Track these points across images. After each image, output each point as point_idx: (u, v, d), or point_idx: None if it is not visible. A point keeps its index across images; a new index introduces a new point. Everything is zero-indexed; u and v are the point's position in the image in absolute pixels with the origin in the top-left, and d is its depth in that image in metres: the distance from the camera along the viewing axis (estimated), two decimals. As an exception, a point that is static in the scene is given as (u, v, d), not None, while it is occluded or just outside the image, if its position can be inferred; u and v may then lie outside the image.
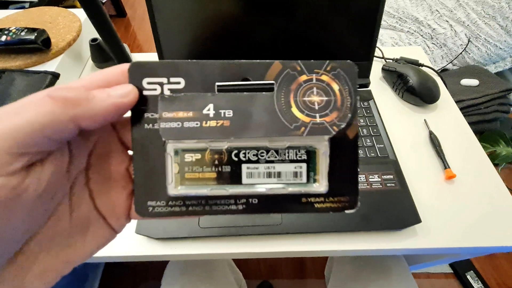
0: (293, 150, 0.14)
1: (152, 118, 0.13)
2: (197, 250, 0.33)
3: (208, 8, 0.40)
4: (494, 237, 0.33)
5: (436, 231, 0.34)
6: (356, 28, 0.42)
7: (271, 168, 0.14)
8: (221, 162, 0.14)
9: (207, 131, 0.13)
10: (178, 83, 0.13)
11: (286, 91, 0.14)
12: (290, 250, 0.33)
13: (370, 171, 0.37)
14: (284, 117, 0.13)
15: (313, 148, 0.14)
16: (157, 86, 0.13)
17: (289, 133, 0.13)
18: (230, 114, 0.13)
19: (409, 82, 0.45)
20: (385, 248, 0.33)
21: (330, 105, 0.14)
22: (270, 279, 0.85)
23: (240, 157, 0.14)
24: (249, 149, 0.14)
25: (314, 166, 0.14)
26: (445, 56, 1.21)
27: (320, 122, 0.13)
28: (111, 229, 0.15)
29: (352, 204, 0.14)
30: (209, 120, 0.13)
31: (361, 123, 0.42)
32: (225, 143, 0.14)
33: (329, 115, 0.13)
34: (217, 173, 0.14)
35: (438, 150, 0.40)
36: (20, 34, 0.45)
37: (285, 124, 0.13)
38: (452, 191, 0.37)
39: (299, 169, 0.14)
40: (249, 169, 0.14)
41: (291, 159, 0.14)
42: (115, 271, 0.86)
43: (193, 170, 0.14)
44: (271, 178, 0.14)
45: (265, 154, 0.14)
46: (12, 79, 0.42)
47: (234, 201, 0.14)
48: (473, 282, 0.85)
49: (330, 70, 0.14)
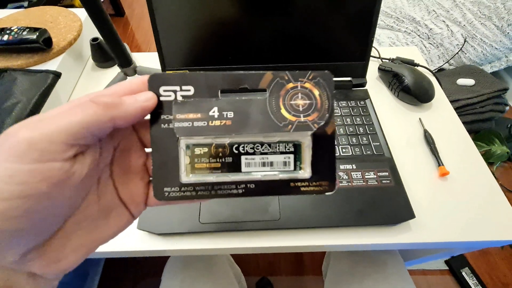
0: (283, 143, 0.17)
1: (167, 119, 0.16)
2: (197, 245, 0.34)
3: (208, 8, 0.40)
4: (486, 232, 0.35)
5: (429, 226, 0.35)
6: (353, 29, 0.43)
7: (265, 159, 0.17)
8: (224, 154, 0.17)
9: (212, 129, 0.16)
10: (189, 90, 0.16)
11: (276, 96, 0.16)
12: (288, 245, 0.34)
13: (366, 168, 0.38)
14: (275, 117, 0.16)
15: (298, 142, 0.17)
16: (171, 93, 0.16)
17: (279, 130, 0.16)
18: (231, 115, 0.16)
19: (404, 82, 0.46)
20: (380, 243, 0.34)
21: (312, 107, 0.17)
22: (268, 276, 0.86)
23: (240, 150, 0.17)
24: (247, 143, 0.17)
25: (299, 156, 0.17)
26: (441, 56, 1.22)
27: (304, 121, 0.16)
28: (130, 214, 0.17)
29: (331, 188, 0.17)
30: (214, 120, 0.16)
31: (357, 121, 0.43)
32: (227, 139, 0.17)
33: (311, 115, 0.16)
34: (221, 163, 0.17)
35: (432, 148, 0.41)
36: (22, 34, 0.45)
37: (276, 123, 0.16)
38: (446, 188, 0.38)
39: (287, 159, 0.17)
40: (247, 159, 0.17)
41: (281, 151, 0.17)
42: (116, 267, 0.87)
43: (201, 161, 0.17)
44: (265, 167, 0.17)
45: (260, 147, 0.17)
46: (14, 78, 0.43)
47: (235, 186, 0.17)
48: (468, 278, 0.86)
49: (312, 79, 0.17)
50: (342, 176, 0.37)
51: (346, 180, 0.37)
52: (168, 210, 0.34)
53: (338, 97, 0.46)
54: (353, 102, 0.45)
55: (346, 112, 0.44)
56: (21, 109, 0.39)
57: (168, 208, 0.34)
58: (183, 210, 0.34)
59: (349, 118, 0.43)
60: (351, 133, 0.42)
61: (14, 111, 0.39)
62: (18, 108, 0.39)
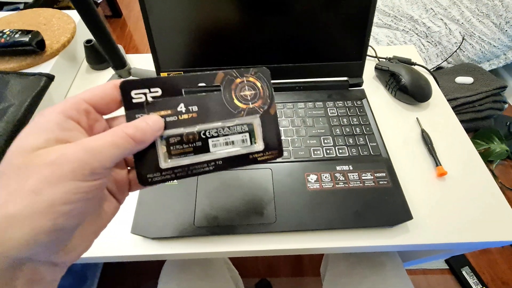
0: (239, 125, 0.21)
1: None
2: (192, 249, 0.33)
3: (202, 10, 0.40)
4: (485, 232, 0.34)
5: (427, 228, 0.34)
6: (349, 28, 0.42)
7: (227, 139, 0.21)
8: (194, 140, 0.20)
9: (182, 122, 0.20)
10: (157, 92, 0.19)
11: (229, 90, 0.21)
12: (284, 248, 0.33)
13: (363, 169, 0.37)
14: (230, 106, 0.21)
15: (251, 123, 0.22)
16: (142, 96, 0.19)
17: (235, 116, 0.21)
18: (196, 108, 0.20)
19: (401, 81, 0.46)
20: (377, 245, 0.33)
21: (257, 96, 0.21)
22: (268, 277, 0.86)
23: (206, 135, 0.21)
24: (211, 129, 0.21)
25: (253, 134, 0.22)
26: (440, 54, 1.22)
27: (252, 107, 0.21)
28: (117, 201, 0.20)
29: (280, 154, 0.23)
30: (183, 114, 0.20)
31: (354, 122, 0.43)
32: (195, 128, 0.20)
33: (257, 102, 0.21)
34: (193, 148, 0.20)
35: (430, 148, 0.41)
36: (14, 36, 0.45)
37: (231, 111, 0.21)
38: (444, 188, 0.38)
39: (244, 137, 0.22)
40: (213, 141, 0.21)
41: (238, 131, 0.21)
42: (114, 272, 0.87)
43: (176, 148, 0.20)
44: (228, 145, 0.21)
45: (222, 131, 0.21)
46: (7, 81, 0.42)
47: (207, 164, 0.21)
48: (468, 277, 0.86)
49: (254, 74, 0.21)
50: (339, 177, 0.37)
51: (343, 181, 0.36)
52: (163, 214, 0.34)
53: (335, 97, 0.46)
54: (349, 102, 0.45)
55: (342, 112, 0.44)
56: (13, 113, 0.39)
57: (162, 212, 0.34)
58: (178, 214, 0.34)
59: (346, 118, 0.43)
60: (347, 134, 0.41)
61: (6, 114, 0.38)
62: (10, 111, 0.39)
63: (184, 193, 0.35)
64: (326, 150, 0.39)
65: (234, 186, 0.36)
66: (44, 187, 0.14)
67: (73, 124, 0.16)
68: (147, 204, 0.34)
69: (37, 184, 0.14)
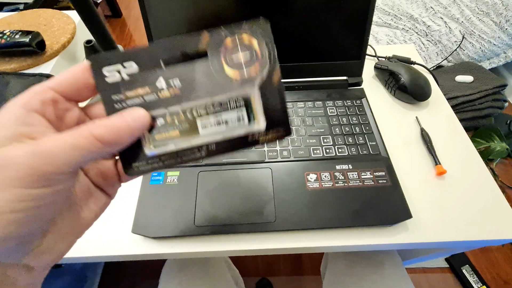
0: (233, 100, 0.17)
1: (119, 99, 0.16)
2: (192, 248, 0.33)
3: (201, 8, 0.40)
4: (484, 231, 0.34)
5: (427, 226, 0.35)
6: (348, 28, 0.42)
7: (219, 117, 0.17)
8: (180, 121, 0.17)
9: (164, 100, 0.16)
10: (131, 66, 0.16)
11: (217, 55, 0.16)
12: (284, 246, 0.34)
13: (362, 168, 0.37)
14: (219, 76, 0.16)
15: (247, 95, 0.17)
16: (116, 73, 0.16)
17: (226, 88, 0.17)
18: (178, 83, 0.16)
19: (400, 80, 0.46)
20: (377, 243, 0.34)
21: (253, 59, 0.17)
22: (268, 276, 0.86)
23: (194, 114, 0.17)
24: (199, 106, 0.17)
25: (251, 109, 0.17)
26: (440, 53, 1.22)
27: (247, 74, 0.17)
28: (107, 195, 0.18)
29: (287, 132, 0.18)
30: (163, 91, 0.16)
31: (353, 121, 0.43)
32: (180, 106, 0.17)
33: (253, 67, 0.17)
34: (179, 131, 0.17)
35: (429, 147, 0.41)
36: (14, 37, 0.45)
37: (221, 82, 0.17)
38: (443, 187, 0.38)
39: (240, 114, 0.17)
40: (202, 122, 0.17)
41: (232, 107, 0.17)
42: (114, 271, 0.87)
43: (160, 132, 0.17)
44: (221, 125, 0.17)
45: (212, 108, 0.17)
46: (7, 82, 0.42)
47: (198, 150, 0.17)
48: (469, 276, 0.86)
49: (248, 29, 0.16)
50: (338, 176, 0.37)
51: (342, 180, 0.36)
52: (163, 214, 0.34)
53: (334, 96, 0.46)
54: (349, 101, 0.45)
55: (342, 111, 0.44)
56: (14, 113, 0.39)
57: (163, 211, 0.34)
58: (178, 214, 0.34)
59: (345, 118, 0.43)
60: (347, 133, 0.41)
61: (7, 115, 0.38)
62: (11, 112, 0.39)
63: (185, 192, 0.35)
64: (326, 150, 0.40)
65: (234, 185, 0.36)
66: None
67: (36, 118, 0.14)
68: (147, 204, 0.35)
69: None
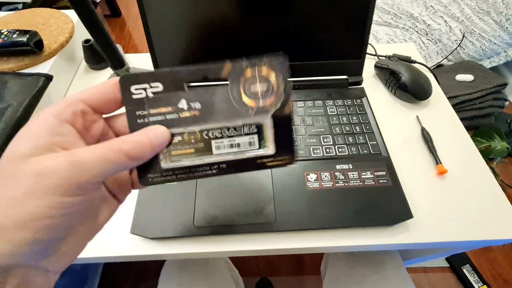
0: (246, 126, 0.19)
1: (142, 114, 0.18)
2: (192, 249, 0.33)
3: (200, 8, 0.40)
4: (485, 231, 0.34)
5: (427, 226, 0.34)
6: (348, 26, 0.42)
7: (232, 141, 0.19)
8: (196, 141, 0.19)
9: (183, 120, 0.18)
10: (157, 86, 0.17)
11: (237, 84, 0.18)
12: (284, 247, 0.33)
13: (362, 168, 0.37)
14: (237, 104, 0.18)
15: (260, 123, 0.19)
16: (142, 91, 0.17)
17: (242, 115, 0.18)
18: (198, 106, 0.18)
19: (401, 79, 0.46)
20: (377, 244, 0.33)
21: (269, 91, 0.18)
22: (268, 276, 0.86)
23: (209, 135, 0.19)
24: (215, 129, 0.19)
25: (263, 136, 0.19)
26: (440, 52, 1.21)
27: (262, 105, 0.18)
28: (117, 201, 0.19)
29: (292, 161, 0.20)
30: (184, 112, 0.18)
31: (353, 120, 0.42)
32: (198, 127, 0.18)
33: (268, 99, 0.18)
34: (194, 149, 0.19)
35: (430, 146, 0.41)
36: (12, 37, 0.44)
37: (238, 109, 0.18)
38: (444, 187, 0.38)
39: (252, 140, 0.19)
40: (217, 143, 0.19)
41: (245, 133, 0.19)
42: (114, 272, 0.87)
43: (177, 149, 0.18)
44: (233, 148, 0.19)
45: (227, 131, 0.19)
46: (5, 81, 0.42)
47: (209, 167, 0.19)
48: (469, 275, 0.86)
49: (267, 63, 0.18)
50: (339, 176, 0.36)
51: (343, 180, 0.36)
52: (162, 214, 0.34)
53: (334, 95, 0.46)
54: (349, 100, 0.45)
55: (342, 111, 0.44)
56: (12, 113, 0.38)
57: (162, 212, 0.34)
58: (177, 214, 0.34)
59: (345, 117, 0.43)
60: (347, 132, 0.41)
61: (4, 115, 0.38)
62: (9, 112, 0.38)
63: (184, 193, 0.35)
64: (326, 149, 0.39)
65: (233, 185, 0.36)
66: (26, 198, 0.13)
67: (68, 128, 0.15)
68: (146, 204, 0.34)
69: (20, 194, 0.13)
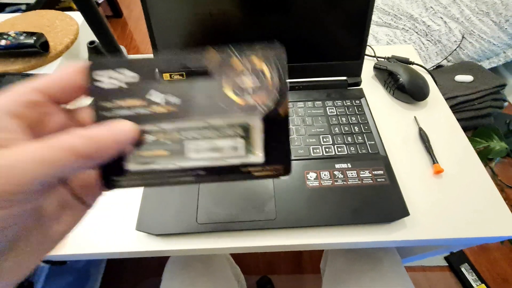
0: (231, 127, 0.16)
1: (109, 107, 0.15)
2: (195, 245, 0.34)
3: (203, 8, 0.41)
4: (480, 228, 0.35)
5: (424, 224, 0.35)
6: (347, 28, 0.43)
7: (213, 144, 0.16)
8: (171, 141, 0.16)
9: (157, 116, 0.15)
10: (130, 76, 0.15)
11: (222, 76, 0.15)
12: (284, 244, 0.34)
13: (361, 167, 0.38)
14: (220, 100, 0.15)
15: (248, 125, 0.16)
16: (112, 80, 0.15)
17: (225, 113, 0.15)
18: (176, 100, 0.15)
19: (399, 80, 0.47)
20: (375, 241, 0.34)
21: (261, 87, 0.15)
22: (269, 274, 0.87)
23: (186, 135, 0.16)
24: (193, 129, 0.16)
25: (250, 140, 0.16)
26: (439, 53, 1.22)
27: (251, 102, 0.15)
28: (85, 205, 0.16)
29: (286, 171, 0.17)
30: (159, 106, 0.15)
31: (352, 120, 0.43)
32: (173, 125, 0.16)
33: (259, 96, 0.15)
34: (168, 150, 0.16)
35: (427, 146, 0.41)
36: (19, 38, 0.46)
37: (221, 106, 0.15)
38: (440, 186, 0.38)
39: (237, 144, 0.16)
40: (193, 145, 0.16)
41: (229, 135, 0.16)
42: (117, 268, 0.88)
43: (147, 149, 0.16)
44: (214, 152, 0.16)
45: (206, 131, 0.16)
46: (12, 82, 0.43)
47: (184, 173, 0.16)
48: (468, 274, 0.87)
49: (260, 54, 0.15)
50: (338, 175, 0.37)
51: (342, 179, 0.37)
52: (166, 211, 0.35)
53: (334, 96, 0.47)
54: (348, 101, 0.46)
55: (341, 111, 0.44)
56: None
57: (166, 209, 0.35)
58: (181, 211, 0.35)
59: (344, 117, 0.44)
60: (346, 132, 0.42)
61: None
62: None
63: (187, 190, 0.36)
64: (325, 149, 0.40)
65: (235, 184, 0.37)
66: None
67: (11, 122, 0.13)
68: (151, 202, 0.35)
69: None
